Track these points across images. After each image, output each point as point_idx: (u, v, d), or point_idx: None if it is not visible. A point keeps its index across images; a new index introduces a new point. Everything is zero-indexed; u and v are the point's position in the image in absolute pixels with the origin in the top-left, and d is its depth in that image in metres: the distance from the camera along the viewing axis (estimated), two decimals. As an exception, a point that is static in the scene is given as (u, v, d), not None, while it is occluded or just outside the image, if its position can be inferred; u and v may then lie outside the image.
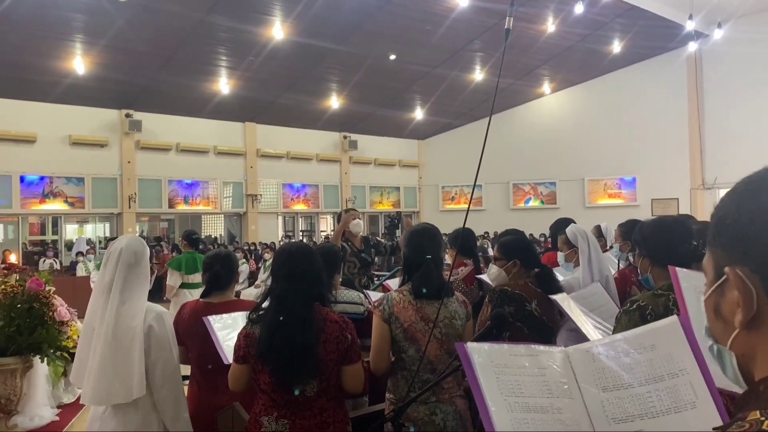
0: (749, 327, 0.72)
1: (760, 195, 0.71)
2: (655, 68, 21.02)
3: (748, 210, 0.71)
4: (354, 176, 22.98)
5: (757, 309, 0.70)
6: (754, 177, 0.73)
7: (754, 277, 0.70)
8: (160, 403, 2.72)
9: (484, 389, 1.42)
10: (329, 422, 2.50)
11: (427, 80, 19.13)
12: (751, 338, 0.73)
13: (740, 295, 0.72)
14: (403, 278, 2.96)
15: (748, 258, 0.71)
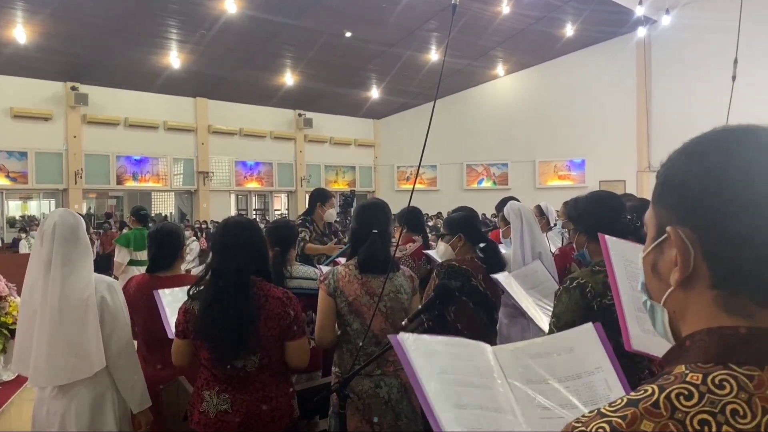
0: (684, 286, 0.74)
1: (709, 157, 0.72)
2: (606, 52, 21.43)
3: (695, 172, 0.72)
4: (309, 155, 22.79)
5: (693, 269, 0.72)
6: (704, 138, 0.75)
7: (694, 238, 0.72)
8: (118, 373, 2.69)
9: (416, 369, 1.49)
10: (272, 397, 2.51)
11: (384, 59, 19.05)
12: (684, 296, 0.75)
13: (678, 255, 0.73)
14: (351, 251, 2.97)
15: (690, 219, 0.72)
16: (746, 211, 0.68)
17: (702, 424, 0.64)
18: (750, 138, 0.72)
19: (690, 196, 0.72)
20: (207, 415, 2.46)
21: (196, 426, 2.48)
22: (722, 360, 0.68)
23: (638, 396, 0.68)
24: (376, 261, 2.75)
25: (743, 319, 0.70)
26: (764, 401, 0.65)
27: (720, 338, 0.70)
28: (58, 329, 2.53)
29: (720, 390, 0.66)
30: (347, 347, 2.77)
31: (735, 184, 0.69)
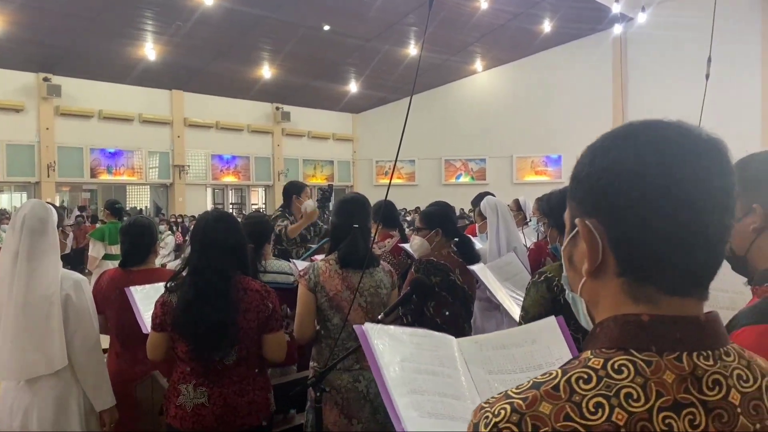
0: (594, 275, 0.77)
1: (612, 151, 0.75)
2: (583, 49, 21.63)
3: (599, 165, 0.75)
4: (287, 148, 22.67)
5: (602, 259, 0.75)
6: (609, 134, 0.78)
7: (601, 229, 0.74)
8: (81, 372, 2.66)
9: (377, 356, 1.53)
10: (249, 390, 2.50)
11: (362, 53, 19.00)
12: (595, 286, 0.78)
13: (586, 245, 0.76)
14: (331, 247, 2.97)
15: (597, 210, 0.75)
16: (647, 201, 0.71)
17: (597, 407, 0.66)
18: (649, 132, 0.75)
19: (595, 188, 0.75)
20: (184, 408, 2.45)
21: (173, 420, 2.47)
22: (624, 346, 0.71)
23: (543, 379, 0.71)
24: (357, 256, 2.76)
25: (648, 307, 0.73)
26: (659, 386, 0.67)
27: (624, 325, 0.72)
28: (22, 324, 2.50)
29: (618, 374, 0.68)
30: (326, 342, 2.77)
31: (635, 176, 0.72)
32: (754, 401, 0.70)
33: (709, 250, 0.73)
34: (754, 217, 1.29)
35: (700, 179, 0.71)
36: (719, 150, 0.75)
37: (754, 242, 1.31)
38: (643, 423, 0.66)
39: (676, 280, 0.73)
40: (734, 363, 0.72)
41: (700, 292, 0.75)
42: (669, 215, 0.70)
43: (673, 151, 0.73)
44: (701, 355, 0.70)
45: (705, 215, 0.71)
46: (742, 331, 1.15)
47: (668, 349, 0.70)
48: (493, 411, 0.70)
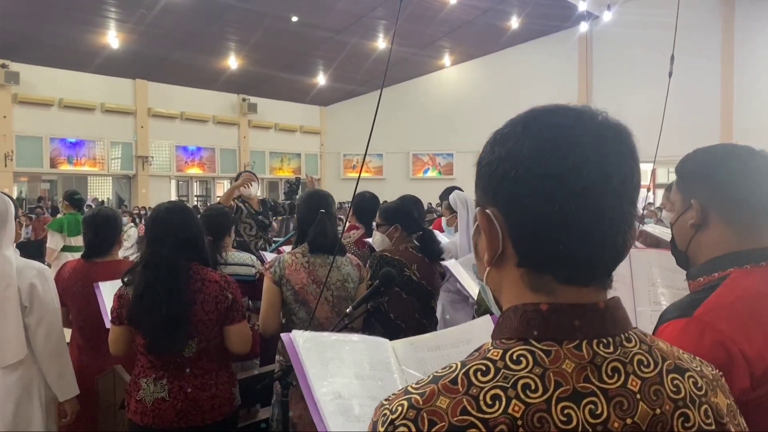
0: (496, 265, 0.76)
1: (510, 139, 0.74)
2: (551, 46, 21.87)
3: (498, 153, 0.74)
4: (253, 141, 22.43)
5: (503, 248, 0.74)
6: (509, 122, 0.77)
7: (501, 218, 0.73)
8: (44, 361, 2.61)
9: (305, 365, 1.52)
10: (211, 384, 2.46)
11: (331, 45, 18.88)
12: (498, 275, 0.77)
13: (485, 235, 0.76)
14: (297, 240, 2.95)
15: (496, 199, 0.74)
16: (542, 190, 0.70)
17: (494, 399, 0.64)
18: (547, 119, 0.74)
19: (494, 177, 0.74)
20: (144, 403, 2.40)
21: (133, 415, 2.42)
22: (524, 336, 0.70)
23: (443, 372, 0.70)
24: (326, 239, 2.75)
25: (546, 296, 0.71)
26: (558, 375, 0.66)
27: (523, 315, 0.71)
28: None
29: (516, 365, 0.67)
30: None
31: (531, 165, 0.70)
32: (654, 386, 0.70)
33: (607, 239, 0.71)
34: (692, 213, 1.29)
35: (596, 167, 0.70)
36: (619, 137, 0.74)
37: (693, 237, 1.31)
38: (541, 414, 0.64)
39: (574, 270, 0.71)
40: (635, 349, 0.71)
41: (600, 280, 0.73)
42: (564, 204, 0.69)
43: (570, 139, 0.71)
44: (601, 342, 0.69)
45: (601, 204, 0.70)
46: (666, 325, 1.17)
47: (567, 338, 0.69)
48: (391, 408, 0.68)
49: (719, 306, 1.15)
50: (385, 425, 0.67)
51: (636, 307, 2.09)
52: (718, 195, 1.27)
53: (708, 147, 1.34)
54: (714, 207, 1.27)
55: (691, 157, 1.34)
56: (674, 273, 2.07)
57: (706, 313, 1.14)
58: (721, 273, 1.23)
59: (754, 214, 1.25)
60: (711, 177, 1.28)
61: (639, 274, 2.08)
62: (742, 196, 1.25)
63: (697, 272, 1.29)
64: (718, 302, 1.16)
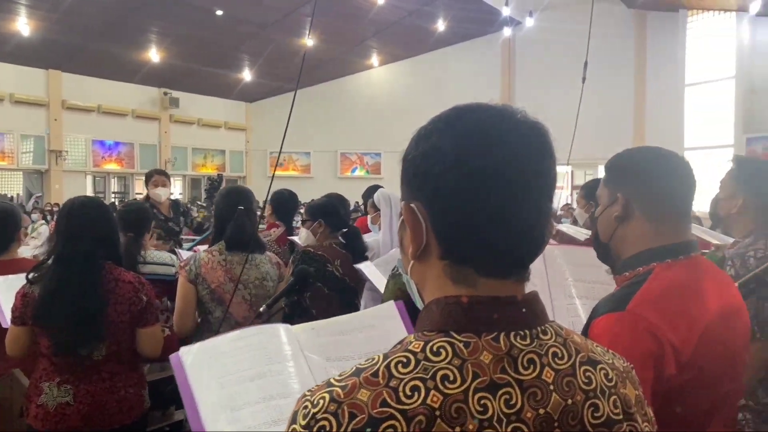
0: (420, 258, 0.78)
1: (434, 135, 0.76)
2: (475, 50, 22.35)
3: (422, 149, 0.76)
4: (175, 136, 21.73)
5: (427, 242, 0.76)
6: (435, 118, 0.80)
7: (425, 212, 0.75)
8: None
9: (193, 387, 1.47)
10: (119, 387, 2.37)
11: (257, 41, 18.57)
12: (422, 268, 0.79)
13: (409, 228, 0.77)
14: (214, 237, 2.89)
15: (420, 194, 0.76)
16: (463, 186, 0.72)
17: (413, 391, 0.66)
18: (469, 116, 0.77)
19: (419, 172, 0.76)
20: (45, 408, 2.28)
21: (33, 421, 2.30)
22: (445, 328, 0.72)
23: (365, 365, 0.71)
24: (244, 237, 2.70)
25: (467, 289, 0.74)
26: (476, 366, 0.68)
27: (444, 307, 0.73)
28: None
29: (436, 357, 0.69)
30: (208, 336, 2.69)
31: (453, 161, 0.73)
32: (567, 377, 0.72)
33: (525, 233, 0.74)
34: (617, 206, 1.37)
35: (515, 163, 0.73)
36: (537, 134, 0.77)
37: (616, 230, 1.39)
38: (459, 404, 0.66)
39: (494, 263, 0.74)
40: (551, 341, 0.74)
41: (519, 273, 0.76)
42: (484, 200, 0.72)
43: (490, 135, 0.74)
44: (518, 334, 0.72)
45: (520, 199, 0.73)
46: (600, 319, 1.23)
47: (486, 330, 0.71)
48: (313, 401, 0.68)
49: (648, 299, 1.23)
50: (306, 419, 0.66)
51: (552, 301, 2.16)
52: (641, 191, 1.35)
53: (637, 147, 1.44)
54: (637, 202, 1.35)
55: (621, 155, 1.42)
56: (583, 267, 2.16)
57: (637, 306, 1.21)
58: (645, 267, 1.31)
59: (672, 211, 1.34)
60: (636, 173, 1.37)
61: (553, 269, 2.15)
62: (662, 194, 1.34)
63: (622, 267, 1.37)
64: (647, 295, 1.23)
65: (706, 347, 1.20)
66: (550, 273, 2.14)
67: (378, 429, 0.64)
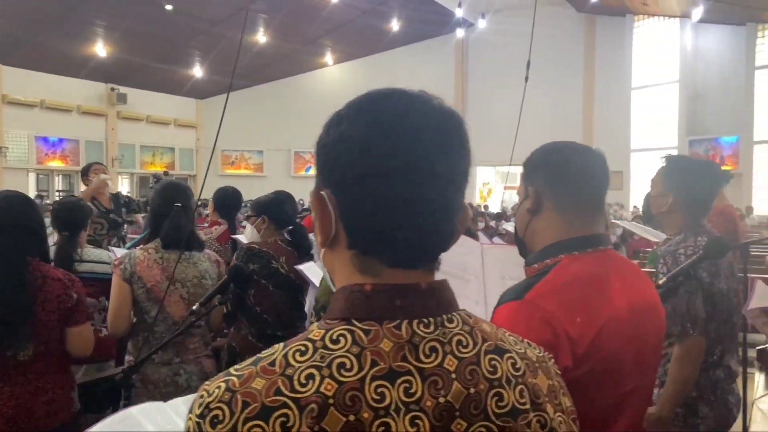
0: (330, 247, 0.77)
1: (344, 122, 0.75)
2: (429, 50, 22.51)
3: (332, 136, 0.75)
4: (122, 133, 21.18)
5: (336, 231, 0.75)
6: (347, 105, 0.78)
7: (334, 201, 0.74)
8: None
9: None
10: (47, 389, 2.28)
11: (208, 37, 18.26)
12: (332, 257, 0.78)
13: (317, 217, 0.77)
14: (150, 234, 2.81)
15: (330, 182, 0.75)
16: (371, 175, 0.71)
17: (308, 379, 0.65)
18: (380, 104, 0.76)
19: (329, 159, 0.75)
20: (-36, 411, 2.17)
21: (-48, 426, 2.18)
22: (347, 316, 0.71)
23: (265, 354, 0.70)
24: (181, 235, 2.63)
25: (372, 278, 0.73)
26: (375, 354, 0.67)
27: (349, 295, 0.72)
28: None
29: (334, 345, 0.68)
30: (143, 336, 2.63)
31: (361, 149, 0.72)
32: (471, 366, 0.71)
33: (432, 225, 0.74)
34: (529, 200, 1.38)
35: (424, 153, 0.72)
36: (449, 124, 0.76)
37: (529, 224, 1.39)
38: (354, 393, 0.65)
39: (400, 253, 0.73)
40: (456, 329, 0.73)
41: (426, 264, 0.75)
42: (392, 188, 0.71)
43: (400, 124, 0.72)
44: (422, 322, 0.71)
45: (428, 189, 0.72)
46: (501, 308, 1.23)
47: (388, 318, 0.70)
48: (209, 390, 0.67)
49: (548, 290, 1.23)
50: (201, 408, 0.65)
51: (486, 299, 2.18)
52: (551, 184, 1.36)
53: (552, 142, 1.43)
54: (548, 195, 1.36)
55: (535, 151, 1.42)
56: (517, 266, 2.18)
57: (536, 297, 1.21)
58: (553, 259, 1.31)
59: (582, 205, 1.35)
60: (548, 167, 1.37)
61: (490, 268, 2.17)
62: (572, 187, 1.34)
63: (533, 259, 1.37)
64: (547, 286, 1.23)
65: (607, 341, 1.20)
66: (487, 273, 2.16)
67: (270, 417, 0.63)
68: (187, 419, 0.67)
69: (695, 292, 2.08)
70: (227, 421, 0.63)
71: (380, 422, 0.64)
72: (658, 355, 1.43)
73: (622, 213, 14.46)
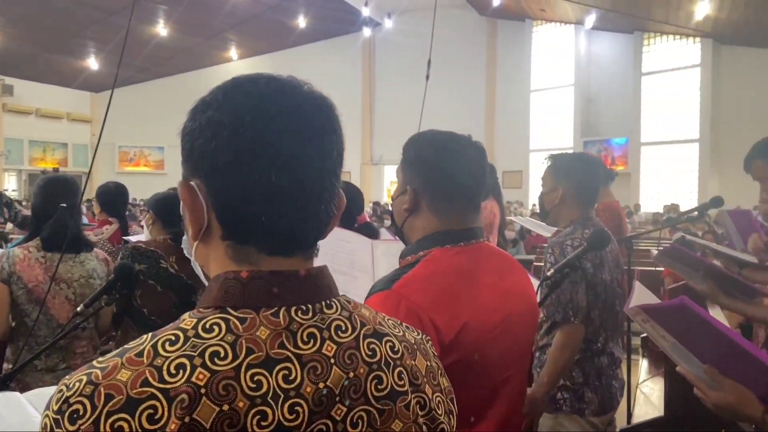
0: (203, 240, 0.74)
1: (211, 107, 0.72)
2: (337, 48, 22.49)
3: (199, 122, 0.72)
4: (9, 127, 19.81)
5: (209, 222, 0.72)
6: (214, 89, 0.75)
7: (205, 190, 0.72)
8: None
9: None
10: None
11: (104, 27, 17.37)
12: (205, 251, 0.75)
13: (189, 208, 0.73)
14: (31, 232, 2.63)
15: (200, 171, 0.72)
16: (243, 161, 0.69)
17: (178, 369, 0.62)
18: (249, 88, 0.73)
19: (196, 147, 0.72)
20: None
21: None
22: (221, 304, 0.69)
23: (131, 345, 0.67)
24: (65, 237, 2.46)
25: (249, 266, 0.71)
26: (251, 342, 0.66)
27: (224, 283, 0.70)
28: None
29: (207, 333, 0.66)
30: (24, 341, 2.45)
31: (231, 134, 0.69)
32: (350, 351, 0.71)
33: (308, 211, 0.73)
34: (406, 198, 1.40)
35: (297, 138, 0.71)
36: (321, 109, 0.75)
37: (406, 220, 1.42)
38: (228, 381, 0.63)
39: (277, 241, 0.72)
40: (335, 315, 0.73)
41: (304, 251, 0.75)
42: (265, 175, 0.69)
43: (271, 108, 0.71)
44: (300, 309, 0.70)
45: (302, 175, 0.71)
46: (371, 297, 1.25)
47: (265, 305, 0.69)
48: (69, 384, 0.62)
49: (415, 280, 1.25)
50: (59, 403, 0.61)
51: None
52: (427, 184, 1.38)
53: (431, 134, 1.42)
54: (424, 195, 1.38)
55: (414, 143, 1.42)
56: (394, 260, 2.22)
57: (403, 286, 1.23)
58: (426, 252, 1.34)
59: (458, 202, 1.38)
60: (424, 166, 1.39)
61: (380, 263, 2.20)
62: (448, 186, 1.37)
63: (407, 251, 1.39)
64: (415, 277, 1.26)
65: (474, 333, 1.23)
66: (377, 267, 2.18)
67: (136, 410, 0.60)
68: (43, 416, 0.62)
69: (579, 282, 2.19)
70: (88, 416, 0.60)
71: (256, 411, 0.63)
72: (530, 345, 1.48)
73: (522, 211, 15.04)
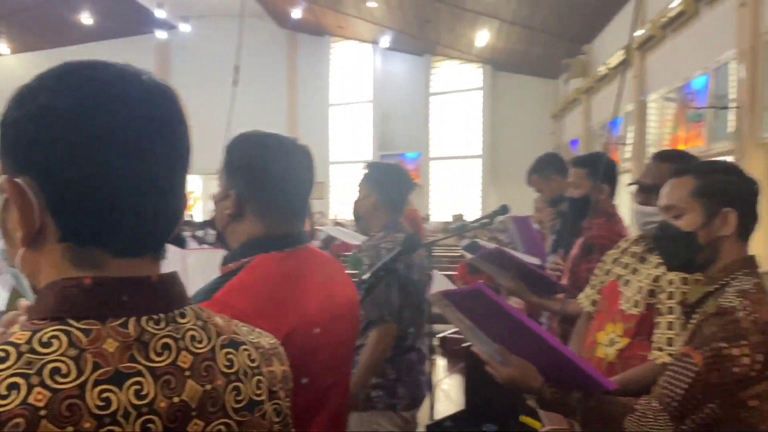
0: (33, 245, 0.65)
1: (42, 93, 0.64)
2: (129, 49, 20.90)
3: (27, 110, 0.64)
4: None
5: (41, 224, 0.64)
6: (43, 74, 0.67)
7: (36, 188, 0.63)
8: None
9: None
10: None
11: None
12: (35, 257, 0.66)
13: (17, 209, 0.64)
14: None
15: (29, 166, 0.63)
16: (85, 153, 0.62)
17: (10, 389, 0.55)
18: (87, 72, 0.66)
19: (24, 139, 0.63)
20: None
21: None
22: (60, 315, 0.61)
23: None
24: None
25: (93, 271, 0.64)
26: (98, 356, 0.59)
27: (61, 291, 0.62)
28: None
29: (45, 348, 0.58)
30: None
31: (70, 122, 0.62)
32: (206, 362, 0.67)
33: (158, 206, 0.67)
34: (228, 202, 1.34)
35: (144, 128, 0.65)
36: (165, 98, 0.69)
37: (229, 225, 1.36)
38: (72, 401, 0.56)
39: (125, 239, 0.65)
40: (189, 324, 0.68)
41: (155, 251, 0.69)
42: (110, 168, 0.62)
43: (114, 95, 0.64)
44: (151, 319, 0.64)
45: (152, 167, 0.65)
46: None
47: (113, 315, 0.62)
48: None
49: (240, 287, 1.21)
50: None
51: None
52: (252, 190, 1.33)
53: (256, 138, 1.37)
54: (248, 200, 1.33)
55: (239, 146, 1.37)
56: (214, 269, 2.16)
57: (226, 295, 1.19)
58: (249, 258, 1.28)
59: (283, 207, 1.35)
60: (249, 170, 1.33)
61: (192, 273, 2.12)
62: (274, 192, 1.33)
63: (229, 258, 1.33)
64: (240, 284, 1.22)
65: (300, 339, 1.21)
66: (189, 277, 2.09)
67: None
68: None
69: (393, 284, 2.31)
70: None
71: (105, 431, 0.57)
72: (353, 349, 1.50)
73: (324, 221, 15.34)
